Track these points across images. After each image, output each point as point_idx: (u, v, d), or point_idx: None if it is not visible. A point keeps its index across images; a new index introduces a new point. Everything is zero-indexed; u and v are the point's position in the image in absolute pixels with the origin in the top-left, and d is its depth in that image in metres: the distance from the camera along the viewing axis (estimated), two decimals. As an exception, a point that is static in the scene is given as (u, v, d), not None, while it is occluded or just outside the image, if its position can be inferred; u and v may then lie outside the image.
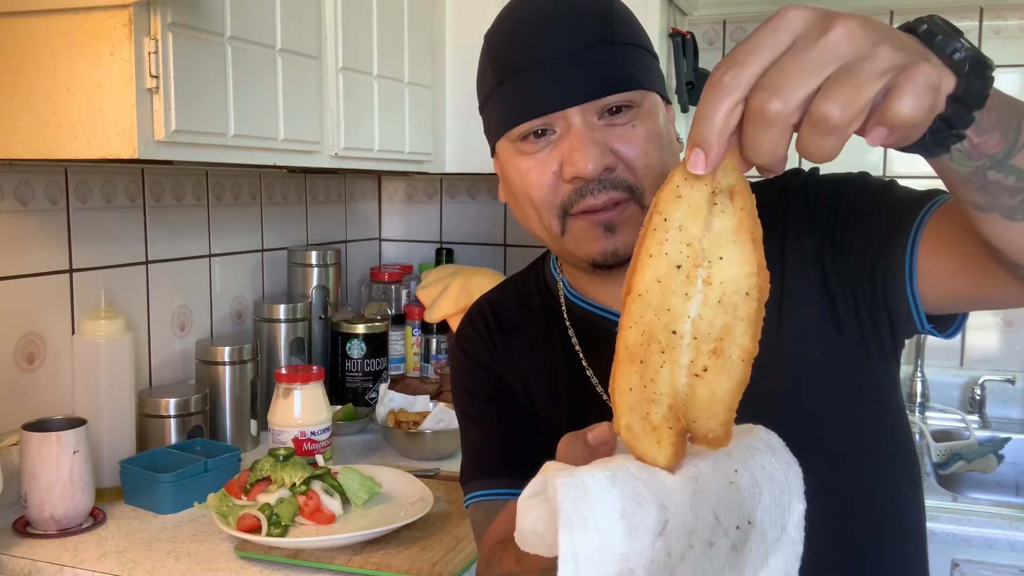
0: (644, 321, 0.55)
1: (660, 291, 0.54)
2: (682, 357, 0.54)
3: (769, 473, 0.58)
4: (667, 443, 0.56)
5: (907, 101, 0.49)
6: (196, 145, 1.27)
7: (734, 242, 0.53)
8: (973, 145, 0.60)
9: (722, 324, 0.53)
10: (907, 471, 0.99)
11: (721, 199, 0.53)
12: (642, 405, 0.56)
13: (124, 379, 1.52)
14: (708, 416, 0.55)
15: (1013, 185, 0.64)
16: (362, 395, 2.08)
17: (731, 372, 0.54)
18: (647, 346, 0.55)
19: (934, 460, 1.96)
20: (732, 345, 0.54)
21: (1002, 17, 2.15)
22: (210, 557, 1.29)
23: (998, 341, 2.21)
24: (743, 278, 0.53)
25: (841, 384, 0.94)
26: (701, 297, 0.53)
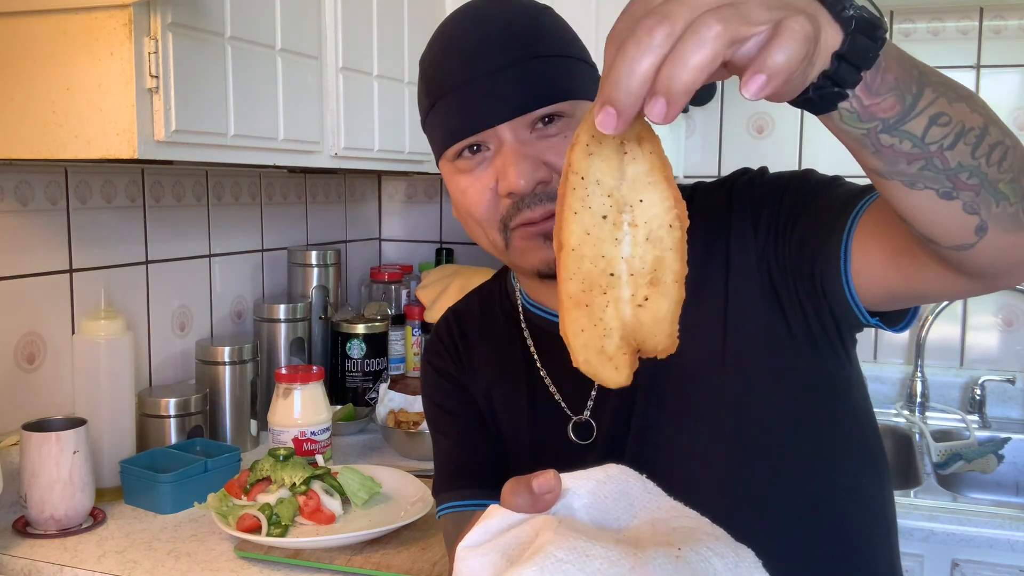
0: (582, 271, 0.58)
1: (591, 242, 0.58)
2: (623, 293, 0.59)
3: (717, 551, 0.59)
4: (624, 365, 0.61)
5: (782, 47, 0.49)
6: (196, 145, 1.27)
7: (649, 183, 0.57)
8: (863, 106, 0.60)
9: (653, 258, 0.58)
10: (870, 465, 1.00)
11: (630, 147, 0.57)
12: (595, 341, 0.60)
13: (124, 379, 1.52)
14: (655, 334, 0.60)
15: (909, 151, 0.63)
16: (362, 395, 2.08)
17: (668, 294, 0.59)
18: (589, 292, 0.59)
19: (934, 460, 1.96)
20: (666, 272, 0.58)
21: (1002, 17, 2.15)
22: (210, 557, 1.29)
23: (998, 341, 2.21)
24: (664, 213, 0.57)
25: (792, 381, 0.94)
26: (630, 239, 0.58)
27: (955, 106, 0.63)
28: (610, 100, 0.50)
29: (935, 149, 0.63)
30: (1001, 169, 0.66)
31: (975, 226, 0.68)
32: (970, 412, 2.16)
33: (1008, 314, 2.20)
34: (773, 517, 0.95)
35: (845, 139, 0.64)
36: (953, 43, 2.19)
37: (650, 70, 0.49)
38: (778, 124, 2.31)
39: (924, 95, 0.62)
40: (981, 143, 0.64)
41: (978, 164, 0.65)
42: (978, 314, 2.22)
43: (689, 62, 0.48)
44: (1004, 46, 2.16)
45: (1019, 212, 0.68)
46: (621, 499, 0.65)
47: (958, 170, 0.64)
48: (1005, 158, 0.66)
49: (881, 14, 0.58)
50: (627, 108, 0.50)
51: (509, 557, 0.59)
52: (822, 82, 0.56)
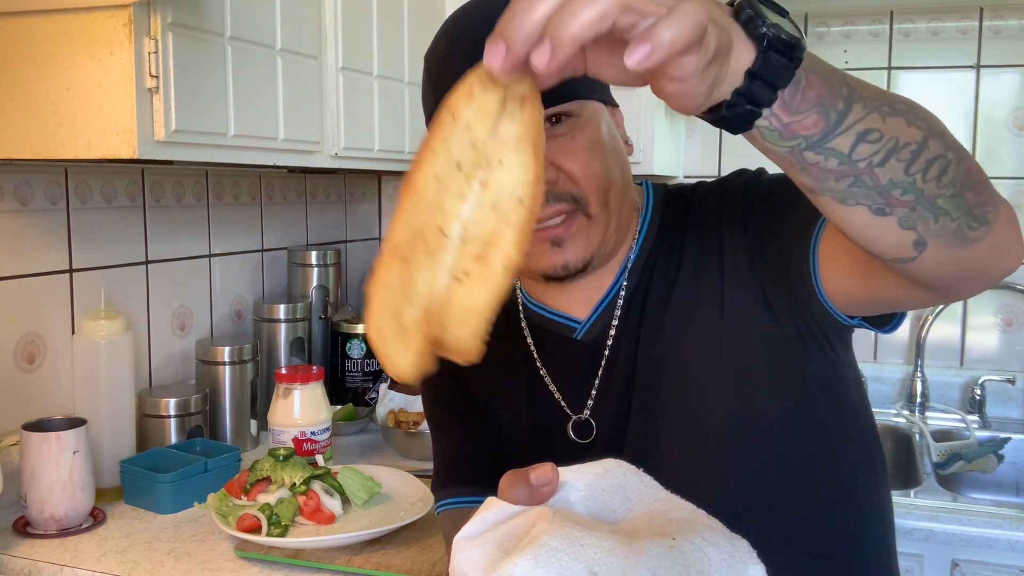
0: (416, 218, 0.54)
1: (436, 188, 0.54)
2: (446, 257, 0.54)
3: (712, 541, 0.58)
4: (413, 348, 0.56)
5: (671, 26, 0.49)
6: (196, 145, 1.27)
7: (517, 148, 0.53)
8: (783, 124, 0.59)
9: (491, 229, 0.53)
10: (867, 465, 1.00)
11: (511, 105, 0.53)
12: (397, 304, 0.55)
13: (124, 379, 1.52)
14: (460, 324, 0.55)
15: (836, 168, 0.62)
16: (362, 395, 2.08)
17: (491, 280, 0.53)
18: (414, 244, 0.54)
19: (934, 460, 1.96)
20: (497, 252, 0.53)
21: (1002, 17, 2.15)
22: (210, 557, 1.29)
23: (998, 341, 2.21)
24: (520, 185, 0.53)
25: (787, 382, 0.95)
26: (476, 199, 0.53)
27: (889, 121, 0.62)
28: (502, 34, 0.50)
29: (864, 166, 0.62)
30: (940, 184, 0.64)
31: (912, 241, 0.66)
32: (970, 412, 2.16)
33: (1008, 314, 2.20)
34: (770, 517, 0.95)
35: (771, 156, 0.63)
36: (953, 43, 2.19)
37: (544, 15, 0.49)
38: (778, 124, 2.31)
39: (852, 111, 0.61)
40: (917, 159, 0.63)
41: (913, 180, 0.63)
42: (978, 314, 2.22)
43: (579, 14, 0.48)
44: (1004, 46, 2.16)
45: (962, 227, 0.66)
46: (618, 492, 0.65)
47: (890, 187, 0.63)
48: (945, 173, 0.64)
49: (801, 33, 0.57)
50: (516, 46, 0.50)
51: (505, 548, 0.59)
52: (735, 99, 0.56)
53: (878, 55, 2.24)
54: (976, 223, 0.67)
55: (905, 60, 2.22)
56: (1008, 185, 2.18)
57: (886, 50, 2.23)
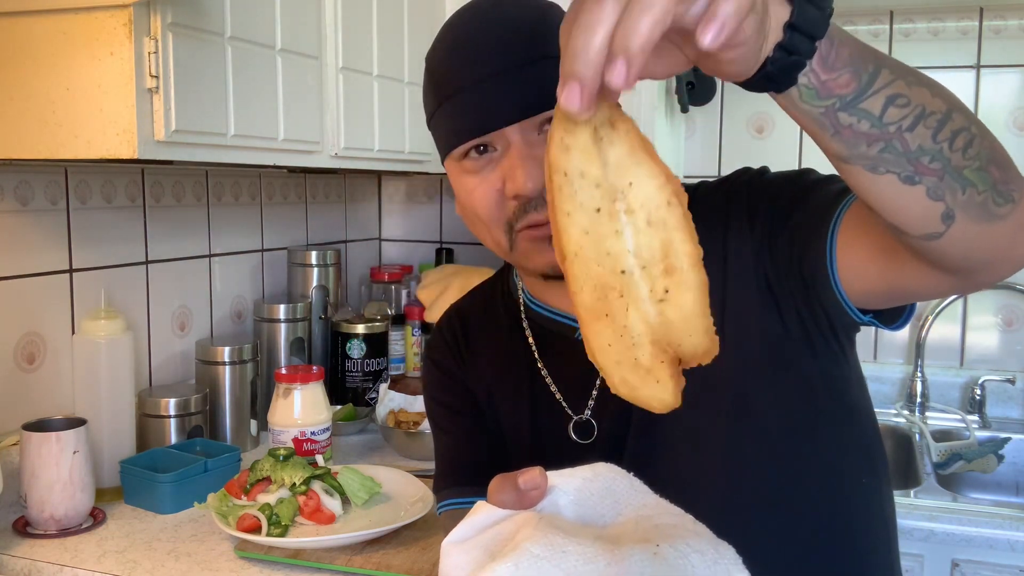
0: (591, 276, 0.54)
1: (592, 241, 0.54)
2: (640, 291, 0.54)
3: (696, 548, 0.58)
4: (666, 378, 0.56)
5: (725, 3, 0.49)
6: (196, 145, 1.27)
7: (635, 164, 0.54)
8: (821, 82, 0.61)
9: (660, 242, 0.54)
10: (868, 462, 1.00)
11: (605, 132, 0.54)
12: (627, 355, 0.56)
13: (124, 379, 1.52)
14: (689, 333, 0.55)
15: (868, 131, 0.63)
16: (362, 395, 2.08)
17: (689, 282, 0.54)
18: (604, 298, 0.55)
19: (934, 460, 1.96)
20: (679, 257, 0.54)
21: (1002, 17, 2.15)
22: (210, 557, 1.29)
23: (998, 341, 2.21)
24: (657, 192, 0.54)
25: (789, 379, 0.95)
26: (631, 228, 0.54)
27: (914, 89, 0.64)
28: (571, 75, 0.50)
29: (894, 130, 0.63)
30: (966, 156, 0.65)
31: (941, 213, 0.67)
32: (970, 412, 2.16)
33: (1008, 314, 2.20)
34: (772, 517, 0.95)
35: (805, 121, 0.65)
36: (953, 43, 2.19)
37: (605, 37, 0.49)
38: (778, 124, 2.31)
39: (881, 75, 0.63)
40: (943, 127, 0.64)
41: (940, 148, 0.65)
42: (978, 314, 2.22)
43: (641, 20, 0.48)
44: (1004, 46, 2.16)
45: (988, 201, 0.67)
46: (607, 496, 0.65)
47: (919, 153, 0.64)
48: (971, 145, 0.65)
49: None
50: (589, 79, 0.49)
51: (491, 553, 0.59)
52: (778, 54, 0.58)
53: (878, 55, 2.24)
54: (1002, 199, 0.68)
55: (905, 60, 2.20)
56: (1008, 185, 2.18)
57: (886, 50, 2.23)
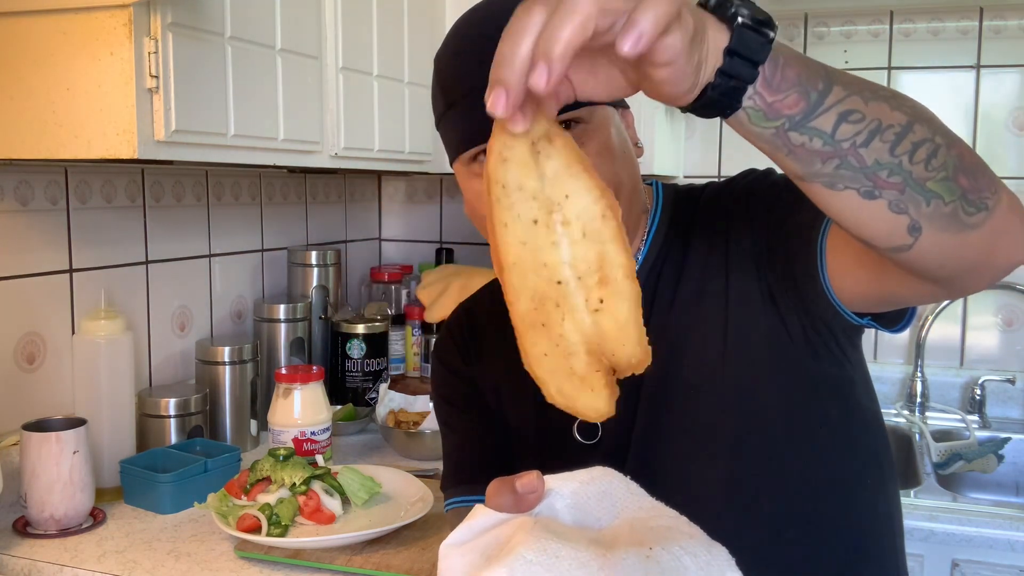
0: (528, 286, 0.56)
1: (529, 252, 0.55)
2: (576, 300, 0.56)
3: (689, 550, 0.59)
4: (601, 387, 0.57)
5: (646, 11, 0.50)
6: (196, 145, 1.27)
7: (571, 177, 0.55)
8: (767, 103, 0.61)
9: (595, 254, 0.55)
10: (875, 467, 1.01)
11: (542, 146, 0.55)
12: (562, 364, 0.57)
13: (124, 379, 1.52)
14: (623, 342, 0.56)
15: (821, 149, 0.63)
16: (362, 395, 2.08)
17: (624, 292, 0.56)
18: (541, 308, 0.56)
19: (934, 460, 1.96)
20: (613, 268, 0.55)
21: (1002, 17, 2.15)
22: (210, 557, 1.29)
23: (998, 341, 2.21)
24: (592, 204, 0.55)
25: (793, 384, 0.95)
26: (567, 239, 0.55)
27: (871, 105, 0.63)
28: (497, 81, 0.52)
29: (848, 146, 0.63)
30: (929, 167, 0.65)
31: (907, 225, 0.67)
32: (970, 412, 2.16)
33: (1008, 314, 2.20)
34: (775, 518, 0.95)
35: (759, 143, 0.65)
36: (953, 43, 2.19)
37: (530, 45, 0.51)
38: (778, 124, 2.31)
39: (832, 92, 0.62)
40: (902, 140, 0.64)
41: (899, 162, 0.64)
42: (978, 314, 2.22)
43: (563, 28, 0.50)
44: (1004, 46, 2.16)
45: (957, 211, 0.66)
46: (604, 499, 0.66)
47: (876, 168, 0.64)
48: (934, 156, 0.65)
49: (771, 16, 0.60)
50: (514, 84, 0.51)
51: (488, 556, 0.60)
52: (719, 79, 0.58)
53: (878, 55, 2.24)
54: (972, 208, 0.67)
55: (905, 60, 2.22)
56: (1008, 185, 2.18)
57: (886, 50, 2.23)
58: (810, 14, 2.28)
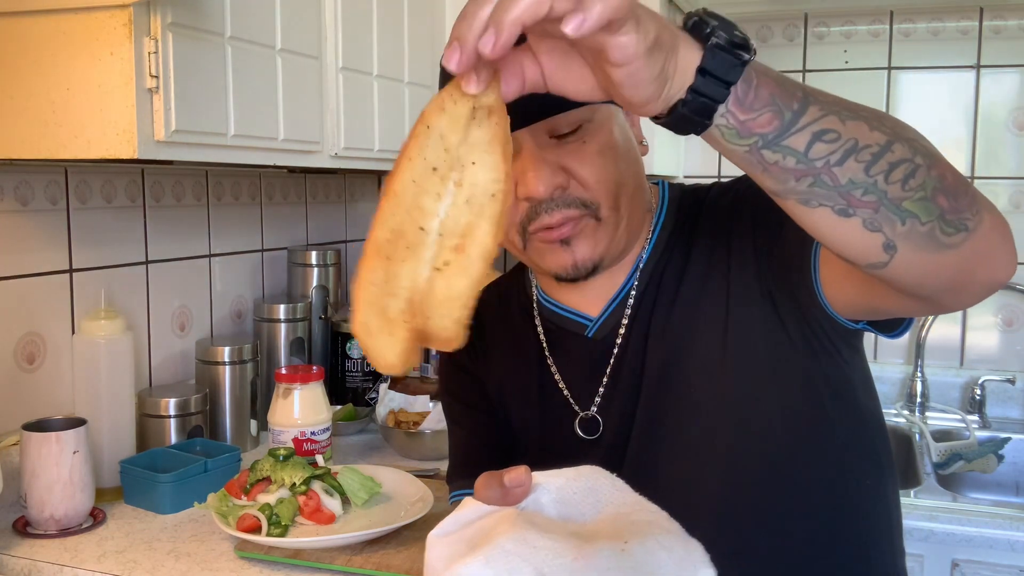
0: (395, 219, 0.58)
1: (414, 191, 0.58)
2: (426, 252, 0.57)
3: (665, 544, 0.62)
4: (400, 338, 0.58)
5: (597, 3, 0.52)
6: (196, 145, 1.27)
7: (487, 151, 0.58)
8: (740, 122, 0.62)
9: (467, 222, 0.57)
10: (874, 467, 1.01)
11: (480, 115, 0.58)
12: (381, 299, 0.58)
13: (124, 379, 1.52)
14: (443, 313, 0.58)
15: (795, 167, 0.64)
16: (362, 395, 2.08)
17: (469, 270, 0.57)
18: (395, 242, 0.58)
19: (934, 460, 1.96)
20: (474, 244, 0.57)
21: (1002, 17, 2.15)
22: (210, 557, 1.29)
23: (998, 341, 2.21)
24: (491, 182, 0.57)
25: (792, 384, 0.95)
26: (451, 197, 0.57)
27: (848, 124, 0.64)
28: (455, 37, 0.55)
29: (821, 165, 0.64)
30: (906, 187, 0.65)
31: (882, 243, 0.67)
32: (970, 412, 2.16)
33: (1008, 314, 2.20)
34: (773, 518, 0.95)
35: (734, 159, 0.65)
36: (953, 43, 2.19)
37: (490, 10, 0.53)
38: (778, 124, 2.31)
39: (807, 112, 0.63)
40: (878, 160, 0.64)
41: (874, 181, 0.64)
42: (978, 314, 2.22)
43: (518, 2, 0.52)
44: (1004, 46, 2.16)
45: (935, 231, 0.67)
46: (589, 495, 0.68)
47: (850, 187, 0.64)
48: (912, 176, 0.65)
49: (749, 40, 0.63)
50: (468, 43, 0.54)
51: (472, 545, 0.62)
52: (689, 96, 0.60)
53: (878, 55, 2.24)
54: (951, 228, 0.67)
55: (905, 60, 2.22)
56: (1008, 185, 2.18)
57: (886, 50, 2.23)
58: (810, 14, 2.28)
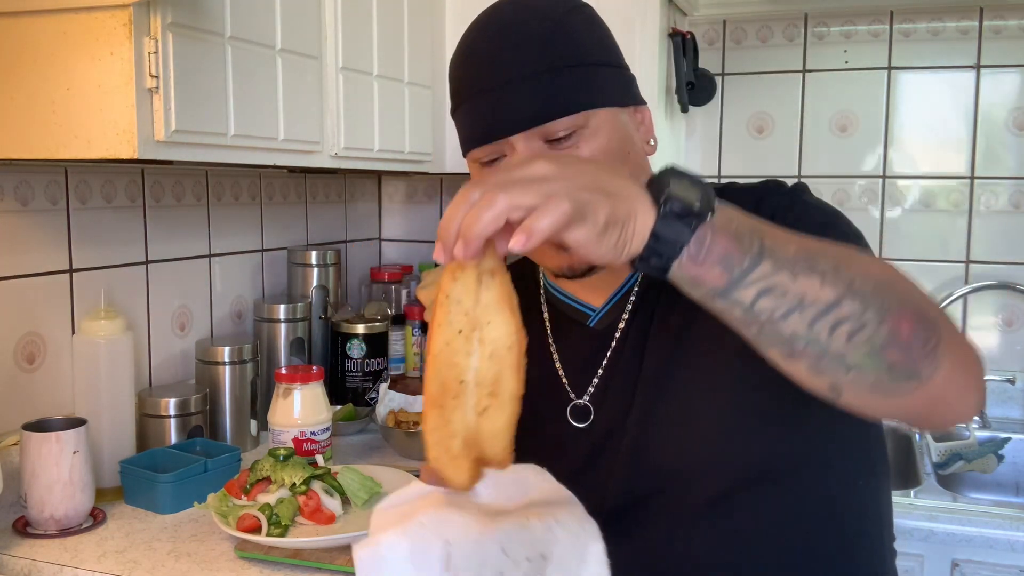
0: (440, 376, 0.70)
1: (448, 352, 0.70)
2: (469, 399, 0.70)
3: (563, 522, 0.72)
4: (464, 468, 0.72)
5: (540, 218, 0.64)
6: (196, 145, 1.27)
7: (497, 311, 0.70)
8: (692, 275, 0.70)
9: (495, 372, 0.70)
10: (866, 466, 1.02)
11: (485, 279, 0.70)
12: (444, 441, 0.71)
13: (124, 379, 1.52)
14: (492, 444, 0.71)
15: (741, 317, 0.71)
16: (362, 395, 2.08)
17: (504, 409, 0.71)
18: (443, 394, 0.70)
19: (934, 460, 1.96)
20: (504, 389, 0.70)
21: (1002, 17, 2.15)
22: (210, 557, 1.29)
23: (998, 341, 2.21)
24: (506, 336, 0.70)
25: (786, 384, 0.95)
26: (478, 355, 0.70)
27: (800, 280, 0.69)
28: (439, 238, 0.68)
29: (765, 319, 0.70)
30: (851, 342, 0.69)
31: (827, 384, 0.72)
32: (970, 412, 2.16)
33: (1008, 314, 2.20)
34: (762, 516, 0.96)
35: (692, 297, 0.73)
36: (953, 43, 2.19)
37: (459, 221, 0.66)
38: (778, 124, 2.31)
39: (757, 269, 0.69)
40: (823, 317, 0.69)
41: (815, 336, 0.69)
42: (978, 314, 2.22)
43: (481, 217, 0.65)
44: (1004, 46, 2.16)
45: (881, 381, 0.71)
46: (518, 483, 0.77)
47: (792, 339, 0.70)
48: (859, 332, 0.69)
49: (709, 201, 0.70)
50: (447, 244, 0.66)
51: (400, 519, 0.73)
52: (646, 253, 0.68)
53: (878, 55, 2.24)
54: (901, 379, 0.71)
55: (905, 60, 2.22)
56: (1008, 185, 2.18)
57: (886, 50, 2.23)
58: (810, 14, 2.28)
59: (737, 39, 2.34)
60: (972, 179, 2.20)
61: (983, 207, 2.20)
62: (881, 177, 2.26)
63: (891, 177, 2.26)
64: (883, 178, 2.26)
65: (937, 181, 2.23)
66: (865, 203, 2.26)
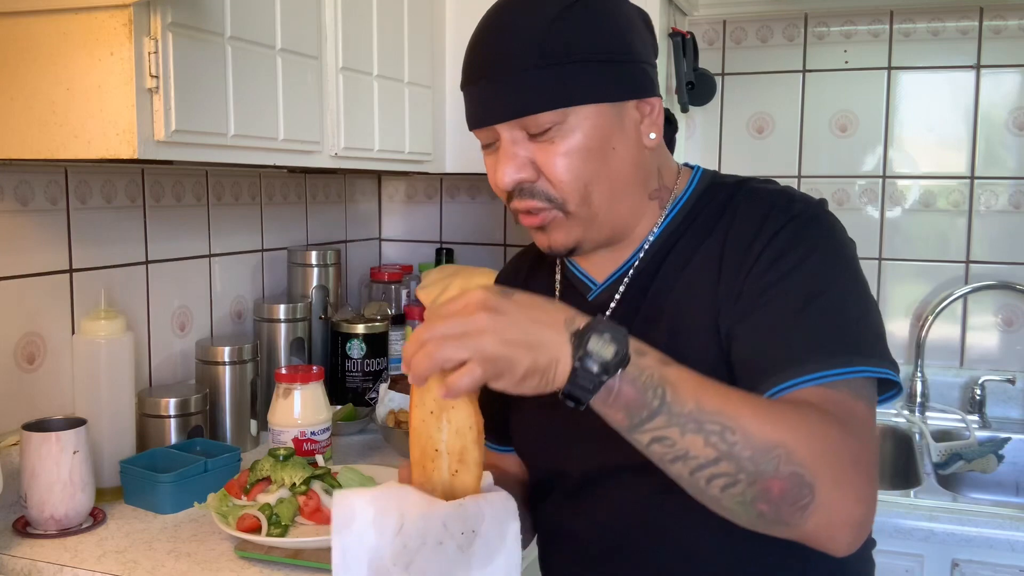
0: (420, 443, 0.90)
1: (424, 427, 0.90)
2: (443, 463, 0.90)
3: (490, 501, 0.88)
4: None
5: (462, 378, 0.80)
6: (196, 145, 1.27)
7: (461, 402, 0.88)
8: (602, 412, 0.83)
9: (460, 444, 0.89)
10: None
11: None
12: (427, 493, 0.89)
13: (124, 379, 1.52)
14: (464, 495, 0.89)
15: (644, 450, 0.84)
16: (362, 395, 2.08)
17: (471, 471, 0.89)
18: (424, 458, 0.90)
19: (934, 460, 1.96)
20: (469, 456, 0.89)
21: (1002, 17, 2.15)
22: (210, 557, 1.29)
23: (998, 341, 2.21)
24: (467, 418, 0.89)
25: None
26: (446, 431, 0.89)
27: (688, 437, 0.81)
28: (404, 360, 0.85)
29: (657, 459, 0.84)
30: (725, 493, 0.82)
31: (716, 509, 0.86)
32: (970, 412, 2.16)
33: (1008, 314, 2.20)
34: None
35: None
36: (953, 43, 2.19)
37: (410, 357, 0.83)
38: (778, 124, 2.31)
39: (653, 421, 0.81)
40: (702, 470, 0.82)
41: (695, 482, 0.83)
42: (978, 314, 2.22)
43: (421, 363, 0.81)
44: (1004, 46, 2.16)
45: (756, 524, 0.84)
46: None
47: (678, 478, 0.84)
48: (732, 487, 0.81)
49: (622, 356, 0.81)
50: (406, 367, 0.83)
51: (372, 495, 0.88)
52: (566, 390, 0.81)
53: (878, 55, 2.24)
54: (770, 525, 0.84)
55: (905, 60, 2.22)
56: (1008, 185, 2.18)
57: (886, 50, 2.23)
58: (810, 14, 2.28)
59: (737, 39, 2.34)
60: (972, 179, 2.21)
61: (983, 207, 2.20)
62: (881, 177, 2.26)
63: (891, 177, 2.26)
64: (883, 178, 2.26)
65: (937, 181, 2.23)
66: (865, 203, 2.25)
